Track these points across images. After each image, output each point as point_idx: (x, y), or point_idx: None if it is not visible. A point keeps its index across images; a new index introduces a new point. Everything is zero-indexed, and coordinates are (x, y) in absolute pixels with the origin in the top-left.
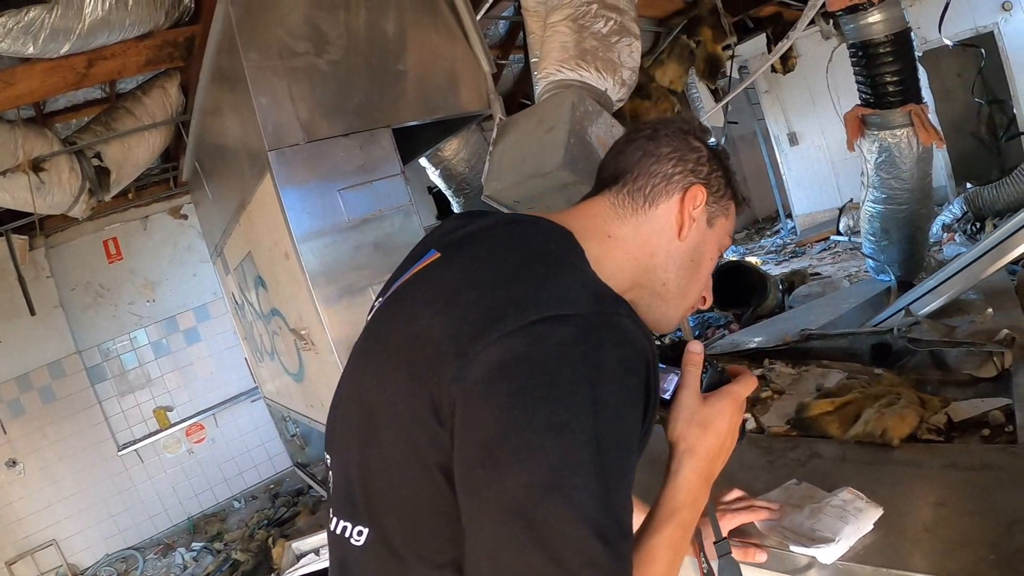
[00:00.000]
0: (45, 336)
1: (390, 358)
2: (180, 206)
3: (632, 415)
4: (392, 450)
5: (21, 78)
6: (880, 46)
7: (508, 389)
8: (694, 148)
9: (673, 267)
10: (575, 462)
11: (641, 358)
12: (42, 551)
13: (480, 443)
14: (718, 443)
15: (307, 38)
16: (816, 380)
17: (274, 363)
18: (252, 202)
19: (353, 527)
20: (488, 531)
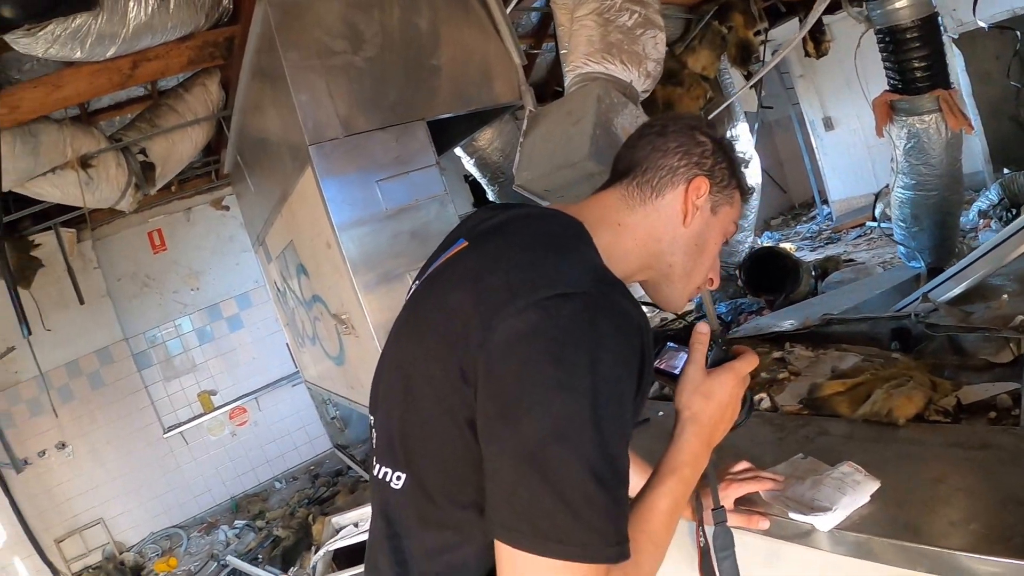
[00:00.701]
0: (93, 324)
1: (426, 330)
2: (222, 198)
3: (627, 378)
4: (427, 407)
5: (69, 81)
6: (907, 31)
7: (523, 354)
8: (699, 143)
9: (679, 252)
10: (577, 416)
11: (635, 330)
12: (90, 529)
13: (499, 399)
14: (719, 412)
15: (344, 37)
16: (833, 363)
17: (315, 348)
18: (294, 193)
19: (393, 472)
20: (505, 473)
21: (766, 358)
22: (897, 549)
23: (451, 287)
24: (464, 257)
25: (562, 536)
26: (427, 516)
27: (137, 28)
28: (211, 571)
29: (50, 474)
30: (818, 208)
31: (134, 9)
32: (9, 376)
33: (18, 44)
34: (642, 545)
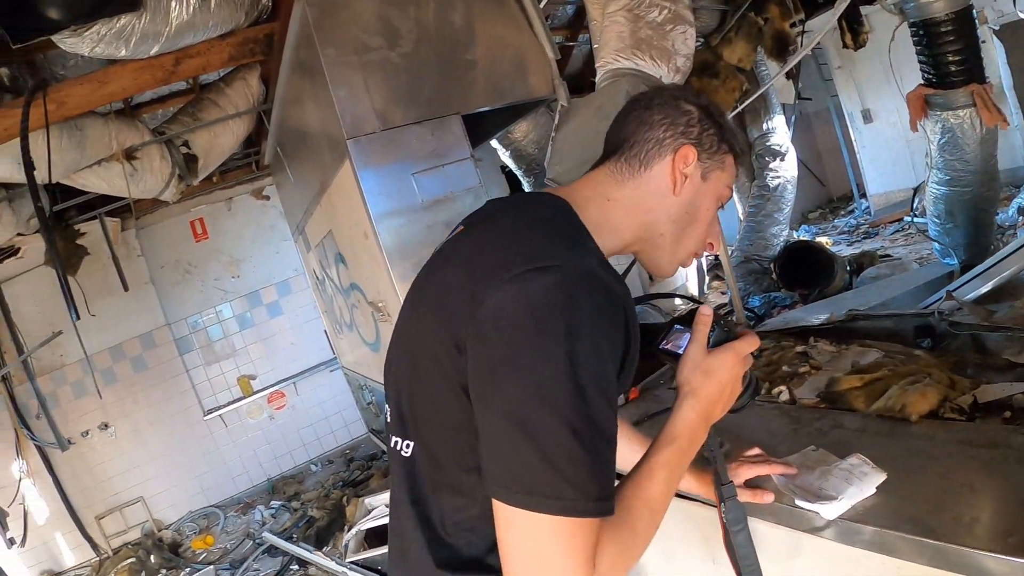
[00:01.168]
0: (137, 310)
1: (426, 308)
2: (262, 188)
3: (606, 343)
4: (429, 378)
5: (114, 77)
6: (941, 24)
7: (506, 323)
8: (685, 111)
9: (670, 221)
10: (557, 378)
11: (613, 297)
12: (130, 507)
13: (486, 365)
14: (717, 389)
15: (380, 33)
16: (854, 358)
17: (352, 334)
18: (332, 185)
19: (403, 441)
20: (492, 433)
21: (789, 352)
22: (899, 541)
23: (447, 267)
24: (459, 239)
25: (544, 490)
26: (437, 481)
27: (179, 27)
28: (247, 549)
29: (93, 453)
30: (856, 202)
31: (176, 9)
32: (55, 359)
33: (65, 43)
34: (638, 511)
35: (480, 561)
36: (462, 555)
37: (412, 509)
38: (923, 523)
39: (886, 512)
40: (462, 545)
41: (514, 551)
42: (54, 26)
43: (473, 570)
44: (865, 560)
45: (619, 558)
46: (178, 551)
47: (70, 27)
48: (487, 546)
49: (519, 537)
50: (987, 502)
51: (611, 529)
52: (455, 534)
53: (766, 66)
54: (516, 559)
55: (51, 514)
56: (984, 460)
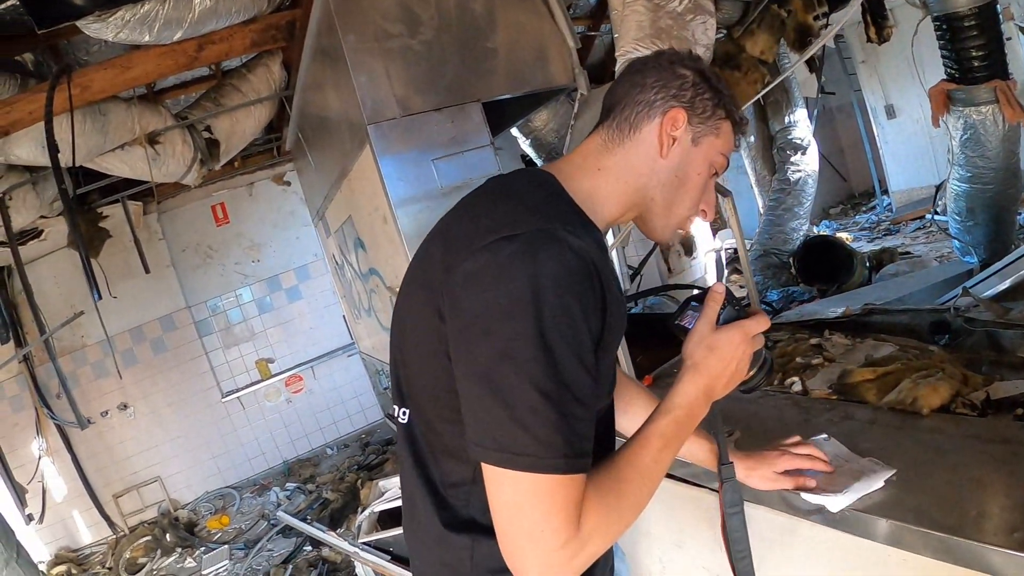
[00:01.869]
0: (158, 293)
1: (414, 283)
2: (283, 173)
3: (576, 304)
4: (419, 348)
5: (137, 63)
6: (965, 19)
7: (474, 290)
8: (679, 75)
9: (659, 184)
10: (522, 339)
11: (582, 259)
12: (147, 486)
13: (459, 330)
14: (721, 365)
15: (401, 20)
16: (868, 351)
17: (371, 319)
18: (353, 170)
19: (399, 409)
20: (466, 392)
21: (803, 344)
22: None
23: (432, 242)
24: (446, 216)
25: (514, 448)
26: (434, 445)
27: (202, 13)
28: (261, 529)
29: (111, 433)
30: (878, 198)
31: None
32: (76, 340)
33: (89, 29)
34: (628, 476)
35: (476, 521)
36: (460, 515)
37: (416, 472)
38: (929, 516)
39: (892, 503)
40: (460, 506)
41: (499, 509)
42: (79, 12)
43: (471, 530)
44: (870, 551)
45: (604, 520)
46: (193, 530)
47: (94, 13)
48: (481, 507)
49: (502, 495)
50: (995, 497)
51: (598, 492)
52: (453, 495)
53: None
54: (502, 516)
55: (69, 492)
56: (994, 455)
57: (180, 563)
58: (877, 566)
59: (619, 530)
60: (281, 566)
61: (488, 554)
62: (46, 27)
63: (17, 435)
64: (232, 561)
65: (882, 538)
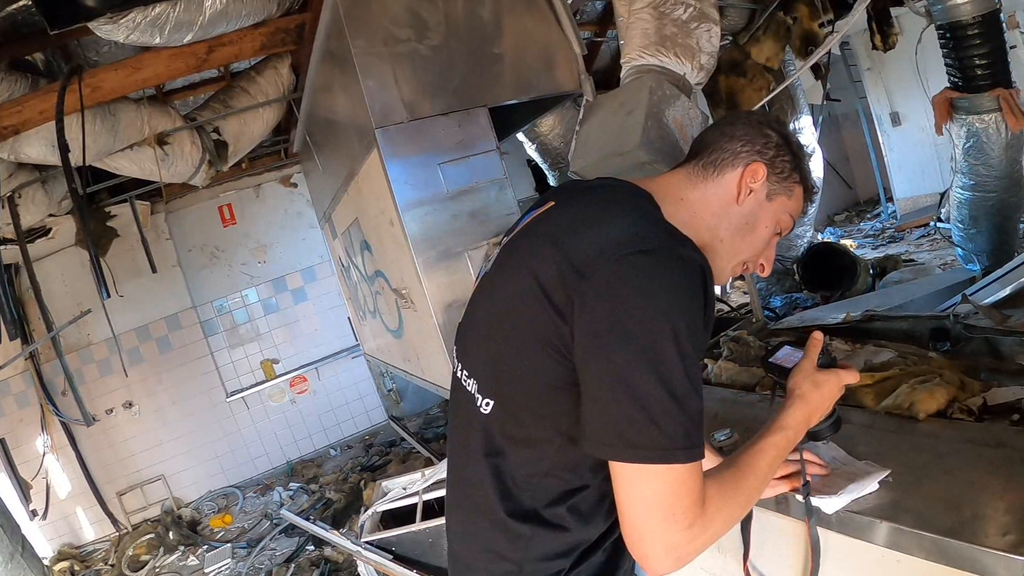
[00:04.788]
0: (164, 292)
1: (521, 280)
2: (290, 175)
3: (698, 316)
4: (522, 341)
5: (148, 64)
6: (968, 27)
7: (614, 297)
8: (765, 135)
9: (729, 227)
10: (661, 348)
11: (700, 276)
12: (151, 484)
13: (594, 334)
14: (820, 399)
15: (409, 25)
16: (867, 357)
17: (376, 321)
18: (360, 173)
19: (483, 399)
20: (599, 394)
21: None
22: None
23: (542, 239)
24: (552, 215)
25: (649, 444)
26: (515, 436)
27: (213, 16)
28: (264, 529)
29: (116, 431)
30: (883, 206)
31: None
32: (82, 338)
33: (101, 30)
34: (745, 473)
35: (537, 513)
36: (524, 506)
37: (486, 461)
38: (923, 517)
39: (887, 505)
40: (525, 497)
41: (631, 501)
42: (91, 13)
43: (530, 520)
44: (864, 552)
45: (724, 507)
46: (196, 529)
47: (107, 14)
48: (546, 500)
49: (633, 488)
50: (989, 499)
51: (720, 483)
52: (522, 486)
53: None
54: (634, 507)
55: (73, 489)
56: (989, 459)
57: (183, 561)
58: (873, 567)
59: (734, 518)
60: (284, 565)
61: (542, 544)
62: (59, 28)
63: (22, 431)
64: (235, 560)
65: (877, 540)
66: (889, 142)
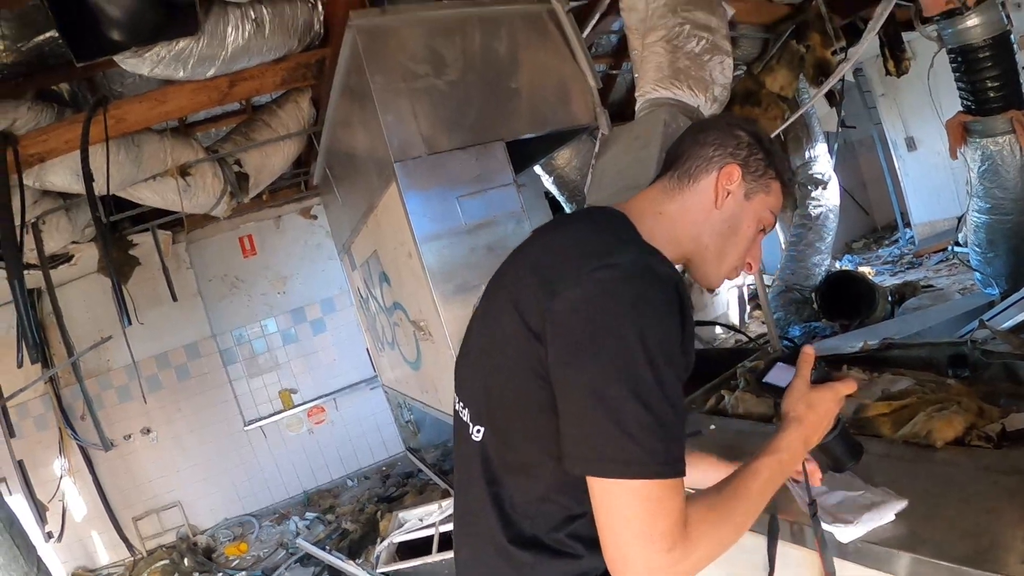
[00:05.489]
0: (184, 321)
1: (501, 305)
2: (310, 207)
3: (670, 328)
4: (508, 367)
5: (172, 97)
6: (979, 51)
7: (582, 314)
8: (735, 136)
9: (712, 232)
10: (631, 359)
11: (670, 285)
12: (167, 511)
13: (567, 351)
14: (816, 419)
15: (427, 61)
16: (884, 386)
17: (394, 352)
18: (379, 206)
19: (474, 427)
20: (573, 409)
21: None
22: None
23: (519, 268)
24: (529, 244)
25: (624, 457)
26: (509, 463)
27: (235, 51)
28: (279, 558)
29: (134, 456)
30: (900, 231)
31: (232, 34)
32: (102, 364)
33: (126, 64)
34: (735, 498)
35: (540, 540)
36: (525, 533)
37: (486, 489)
38: (941, 547)
39: (904, 535)
40: (526, 524)
41: (607, 518)
42: (117, 47)
43: (533, 547)
44: None
45: (710, 531)
46: (211, 556)
47: (132, 48)
48: (547, 527)
49: (610, 504)
50: (1008, 527)
51: (706, 506)
52: (522, 513)
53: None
54: (611, 525)
55: (89, 512)
56: (1007, 487)
57: None
58: None
59: (723, 544)
60: None
61: (547, 572)
62: (85, 61)
63: (40, 453)
64: None
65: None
66: (905, 167)
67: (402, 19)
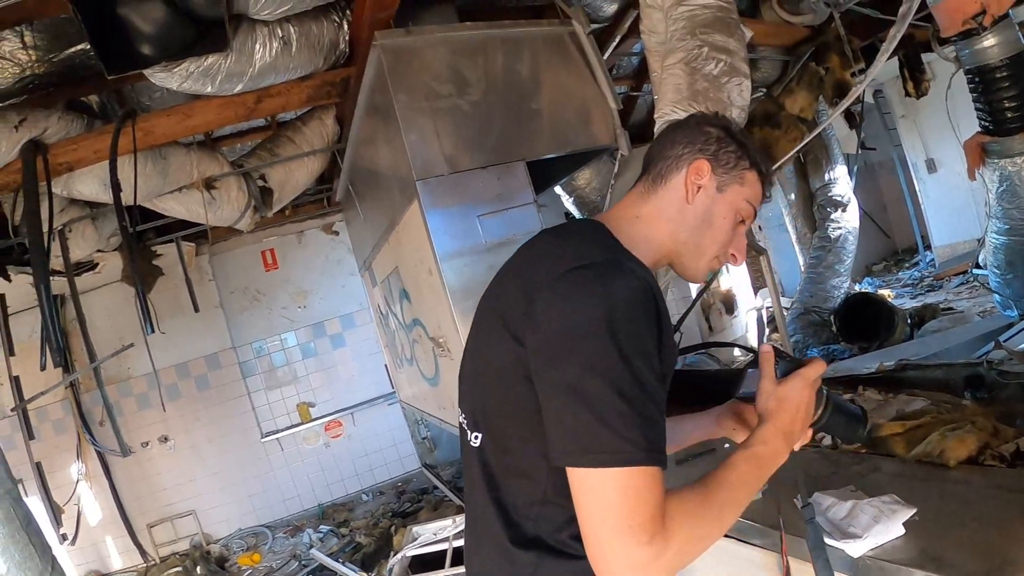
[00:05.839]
0: (205, 332)
1: (490, 316)
2: (332, 223)
3: (642, 326)
4: (499, 373)
5: (199, 111)
6: (996, 71)
7: (556, 314)
8: (705, 132)
9: (687, 227)
10: (605, 353)
11: (642, 284)
12: (182, 519)
13: (544, 349)
14: (791, 412)
15: (450, 81)
16: (900, 406)
17: (412, 368)
18: (400, 223)
19: (472, 433)
20: (553, 405)
21: None
22: None
23: (504, 281)
24: (513, 259)
25: (602, 447)
26: (508, 467)
27: (262, 68)
28: (292, 569)
29: (151, 464)
30: (921, 254)
31: (260, 52)
32: (123, 371)
33: (155, 78)
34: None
35: (542, 540)
36: (528, 534)
37: (486, 492)
38: (951, 565)
39: (915, 553)
40: (528, 525)
41: (586, 509)
42: (147, 62)
43: (536, 548)
44: None
45: (688, 523)
46: (224, 565)
47: (162, 63)
48: (550, 528)
49: (589, 495)
50: (1018, 546)
51: (683, 499)
52: (523, 515)
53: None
54: (590, 516)
55: (104, 517)
56: (1020, 505)
57: None
58: None
59: (702, 539)
60: None
61: (550, 572)
62: (115, 74)
63: (58, 457)
64: None
65: None
66: (925, 189)
67: (426, 40)
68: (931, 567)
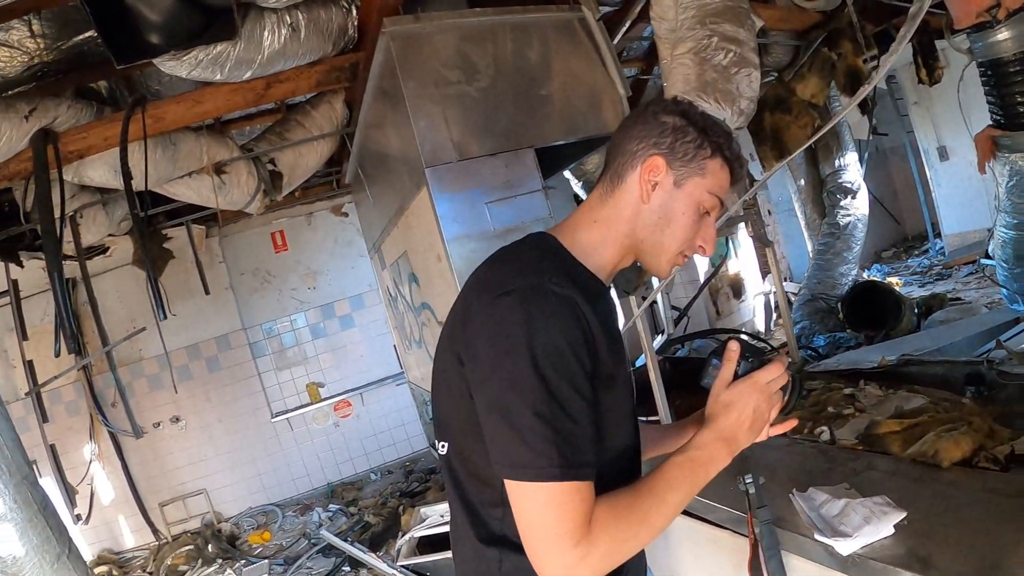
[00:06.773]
0: (215, 313)
1: (445, 337)
2: (342, 205)
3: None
4: (449, 389)
5: (208, 98)
6: (1009, 64)
7: (483, 337)
8: (660, 123)
9: (644, 226)
10: (521, 373)
11: (565, 306)
12: (193, 498)
13: (475, 370)
14: (735, 419)
15: (459, 67)
16: (899, 403)
17: (420, 351)
18: (409, 209)
19: (439, 442)
20: (485, 421)
21: (837, 393)
22: None
23: (457, 302)
24: (468, 280)
25: (522, 463)
26: (468, 471)
27: (271, 55)
28: (302, 547)
29: (162, 444)
30: (930, 242)
31: (268, 38)
32: (134, 353)
33: (165, 66)
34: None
35: (507, 538)
36: (494, 533)
37: (456, 494)
38: (936, 565)
39: (903, 552)
40: (495, 524)
41: (519, 518)
42: (156, 50)
43: (501, 545)
44: None
45: (614, 525)
46: (235, 543)
47: (171, 52)
48: (514, 527)
49: (521, 505)
50: (1006, 549)
51: (611, 503)
52: (489, 515)
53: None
54: (522, 524)
55: (116, 497)
56: (1009, 509)
57: (220, 574)
58: None
59: (627, 542)
60: None
61: (514, 567)
62: (125, 63)
63: (71, 438)
64: None
65: None
66: (937, 177)
67: (435, 26)
68: (917, 567)
